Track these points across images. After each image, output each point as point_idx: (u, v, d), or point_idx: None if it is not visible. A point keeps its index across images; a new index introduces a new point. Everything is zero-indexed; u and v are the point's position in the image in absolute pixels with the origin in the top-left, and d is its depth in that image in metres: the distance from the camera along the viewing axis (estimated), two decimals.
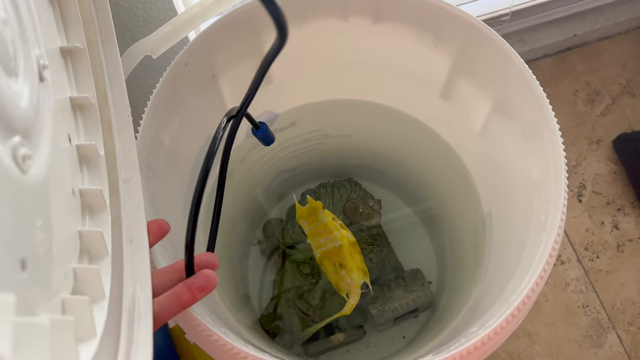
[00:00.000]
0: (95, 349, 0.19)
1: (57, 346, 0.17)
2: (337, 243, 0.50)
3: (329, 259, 0.50)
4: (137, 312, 0.25)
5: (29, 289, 0.17)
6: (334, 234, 0.50)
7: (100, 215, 0.26)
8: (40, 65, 0.22)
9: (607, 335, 0.70)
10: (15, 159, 0.18)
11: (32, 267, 0.17)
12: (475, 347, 0.31)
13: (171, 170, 0.40)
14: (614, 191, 0.77)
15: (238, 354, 0.31)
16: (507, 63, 0.39)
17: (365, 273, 0.50)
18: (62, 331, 0.17)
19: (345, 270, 0.50)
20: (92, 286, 0.22)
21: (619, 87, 0.83)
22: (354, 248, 0.51)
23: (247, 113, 0.34)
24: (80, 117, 0.27)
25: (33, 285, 0.17)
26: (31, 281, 0.17)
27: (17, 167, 0.18)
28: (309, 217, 0.51)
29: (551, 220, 0.34)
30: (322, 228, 0.51)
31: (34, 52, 0.21)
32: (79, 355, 0.18)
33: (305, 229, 0.51)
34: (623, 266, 0.74)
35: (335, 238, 0.50)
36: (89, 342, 0.20)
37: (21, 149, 0.18)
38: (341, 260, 0.50)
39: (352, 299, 0.49)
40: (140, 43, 0.40)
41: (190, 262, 0.28)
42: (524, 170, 0.41)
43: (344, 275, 0.50)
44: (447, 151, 0.52)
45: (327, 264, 0.51)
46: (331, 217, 0.51)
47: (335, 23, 0.45)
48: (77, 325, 0.19)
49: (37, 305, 0.18)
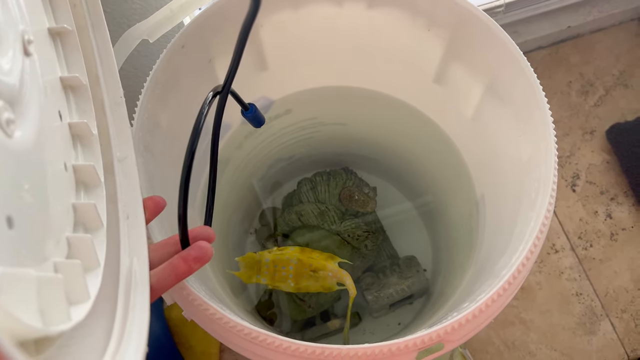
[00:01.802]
0: (87, 311, 0.20)
1: (45, 300, 0.17)
2: (294, 260, 0.49)
3: (302, 278, 0.49)
4: (134, 282, 0.26)
5: (17, 248, 0.17)
6: (284, 258, 0.49)
7: (95, 191, 0.27)
8: (25, 40, 0.22)
9: (601, 323, 0.71)
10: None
11: (20, 226, 0.18)
12: (466, 320, 0.31)
13: (168, 151, 0.41)
14: (608, 181, 0.78)
15: (234, 327, 0.31)
16: (500, 46, 0.40)
17: (331, 256, 0.50)
18: (50, 287, 0.18)
19: (321, 269, 0.49)
20: (85, 254, 0.23)
21: (612, 79, 0.84)
22: (305, 252, 0.50)
23: (236, 94, 0.35)
24: (73, 97, 0.27)
25: (21, 245, 0.18)
26: (19, 240, 0.18)
27: (1, 130, 0.18)
28: (253, 272, 0.49)
29: (541, 197, 0.35)
30: (272, 266, 0.49)
31: (17, 27, 0.22)
32: (70, 314, 0.19)
33: (263, 282, 0.49)
34: (616, 255, 0.74)
35: (288, 260, 0.49)
36: (81, 304, 0.20)
37: (4, 112, 0.18)
38: (309, 268, 0.49)
39: (346, 280, 0.49)
40: (137, 27, 0.40)
41: (185, 233, 0.29)
42: (515, 152, 0.42)
43: (323, 274, 0.49)
44: (441, 137, 0.52)
45: (304, 282, 0.49)
46: (267, 250, 0.50)
47: (329, 9, 0.45)
48: (68, 286, 0.20)
49: (27, 265, 0.18)
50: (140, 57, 0.58)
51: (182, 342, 0.66)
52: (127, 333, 0.23)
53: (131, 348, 0.22)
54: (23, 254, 0.18)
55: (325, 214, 0.62)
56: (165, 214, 0.34)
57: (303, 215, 0.62)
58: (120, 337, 0.23)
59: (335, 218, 0.62)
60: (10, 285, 0.16)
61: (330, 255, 0.50)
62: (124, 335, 0.23)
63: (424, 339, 0.31)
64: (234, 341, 0.33)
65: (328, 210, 0.62)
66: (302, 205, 0.63)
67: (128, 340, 0.23)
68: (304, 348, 0.30)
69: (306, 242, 0.60)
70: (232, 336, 0.32)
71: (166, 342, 0.65)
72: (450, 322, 0.31)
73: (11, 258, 0.17)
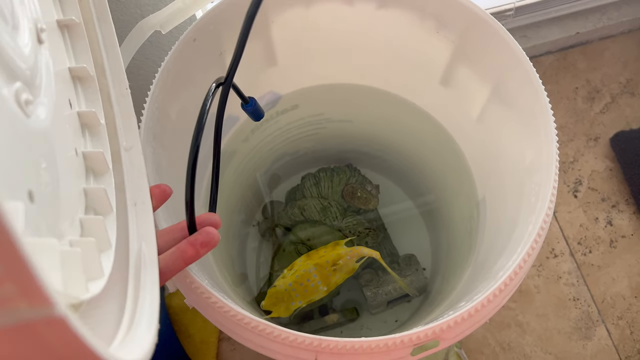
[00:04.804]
0: (103, 286, 0.21)
1: (67, 271, 0.18)
2: (312, 268, 0.50)
3: (328, 278, 0.50)
4: (143, 265, 0.27)
5: (38, 222, 0.18)
6: (302, 273, 0.49)
7: (104, 178, 0.27)
8: (38, 28, 0.23)
9: (597, 329, 0.72)
10: (19, 102, 0.19)
11: (40, 202, 0.19)
12: (462, 318, 0.32)
13: (177, 142, 0.41)
14: (610, 188, 0.79)
15: (235, 316, 0.32)
16: (506, 50, 0.40)
17: (336, 243, 0.51)
18: (72, 259, 0.18)
19: (338, 259, 0.50)
20: (98, 234, 0.23)
21: (619, 86, 0.84)
22: (312, 256, 0.51)
23: (237, 87, 0.35)
24: (81, 88, 0.28)
25: (42, 219, 0.19)
26: (40, 215, 0.18)
27: (21, 109, 0.19)
28: (285, 302, 0.49)
29: (541, 201, 0.35)
30: (297, 286, 0.49)
31: (31, 14, 0.23)
32: (88, 288, 0.19)
33: (300, 304, 0.49)
34: (615, 262, 0.75)
35: (307, 272, 0.49)
36: (97, 280, 0.21)
37: (23, 93, 0.19)
38: (328, 265, 0.50)
39: (363, 252, 0.50)
40: (150, 18, 0.41)
41: (192, 219, 0.30)
42: (517, 155, 0.42)
43: (343, 262, 0.50)
44: (445, 138, 0.53)
45: (332, 280, 0.50)
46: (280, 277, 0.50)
47: (340, 7, 0.46)
48: (85, 261, 0.20)
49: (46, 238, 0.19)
50: (153, 48, 0.58)
51: (182, 331, 0.67)
52: (138, 311, 0.24)
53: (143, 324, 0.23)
54: (43, 228, 0.19)
55: (328, 209, 0.63)
56: (171, 202, 0.35)
57: (305, 210, 0.63)
58: (132, 315, 0.24)
59: (337, 214, 0.62)
60: (40, 254, 0.16)
61: (334, 243, 0.51)
62: (135, 314, 0.24)
63: (419, 336, 0.32)
64: (234, 330, 0.33)
65: (330, 206, 0.63)
66: (305, 200, 0.64)
67: (140, 318, 0.23)
68: (303, 339, 0.31)
69: (307, 237, 0.61)
70: (233, 325, 0.33)
71: (166, 330, 0.66)
72: (446, 320, 0.32)
73: (35, 230, 0.18)
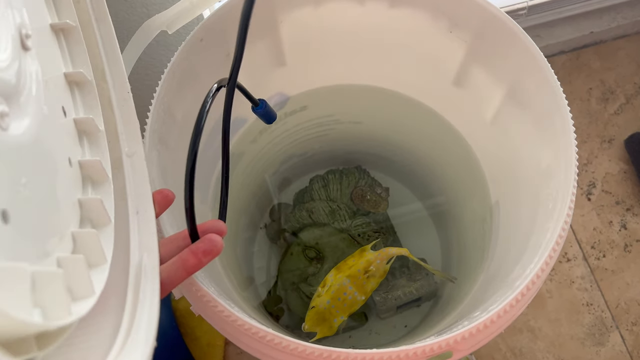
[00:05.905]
0: (91, 306, 0.20)
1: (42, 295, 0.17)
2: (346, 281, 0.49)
3: (363, 287, 0.50)
4: (143, 278, 0.26)
5: (12, 243, 0.17)
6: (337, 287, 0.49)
7: (102, 187, 0.27)
8: (22, 34, 0.22)
9: (610, 334, 0.70)
10: None
11: (16, 221, 0.18)
12: (477, 330, 0.31)
13: (183, 144, 0.40)
14: (624, 191, 0.77)
15: (242, 325, 0.31)
16: (523, 51, 0.39)
17: (362, 249, 0.51)
18: (48, 281, 0.17)
19: (369, 266, 0.50)
20: (91, 249, 0.23)
21: (633, 87, 0.83)
22: (342, 269, 0.50)
23: (245, 90, 0.34)
24: (79, 94, 0.27)
25: (17, 240, 0.18)
26: (15, 235, 0.17)
27: None
28: (328, 321, 0.49)
29: (559, 208, 0.34)
30: (336, 302, 0.49)
31: (14, 20, 0.21)
32: (70, 309, 0.19)
33: (342, 319, 0.49)
34: (629, 266, 0.73)
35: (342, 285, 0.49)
36: (85, 299, 0.20)
37: None
38: (361, 275, 0.49)
39: (392, 252, 0.51)
40: (156, 18, 0.40)
41: (193, 227, 0.29)
42: (533, 159, 0.41)
43: (374, 267, 0.50)
44: (458, 140, 0.52)
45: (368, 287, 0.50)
46: (316, 296, 0.50)
47: (351, 7, 0.45)
48: (70, 281, 0.19)
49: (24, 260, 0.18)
50: (159, 48, 0.58)
51: (188, 334, 0.66)
52: (135, 328, 0.23)
53: (139, 343, 0.22)
54: (19, 248, 0.18)
55: (336, 212, 0.62)
56: (177, 207, 0.34)
57: (314, 213, 0.62)
58: (128, 332, 0.23)
59: (345, 217, 0.61)
60: (2, 280, 0.16)
61: (361, 250, 0.51)
62: (131, 331, 0.23)
63: (432, 347, 0.30)
64: (240, 339, 0.32)
65: (339, 209, 0.62)
66: (313, 202, 0.63)
67: (136, 335, 0.23)
68: (312, 350, 0.30)
69: (315, 240, 0.60)
70: (240, 334, 0.32)
71: (172, 332, 0.65)
72: (461, 331, 0.31)
73: (5, 253, 0.17)
